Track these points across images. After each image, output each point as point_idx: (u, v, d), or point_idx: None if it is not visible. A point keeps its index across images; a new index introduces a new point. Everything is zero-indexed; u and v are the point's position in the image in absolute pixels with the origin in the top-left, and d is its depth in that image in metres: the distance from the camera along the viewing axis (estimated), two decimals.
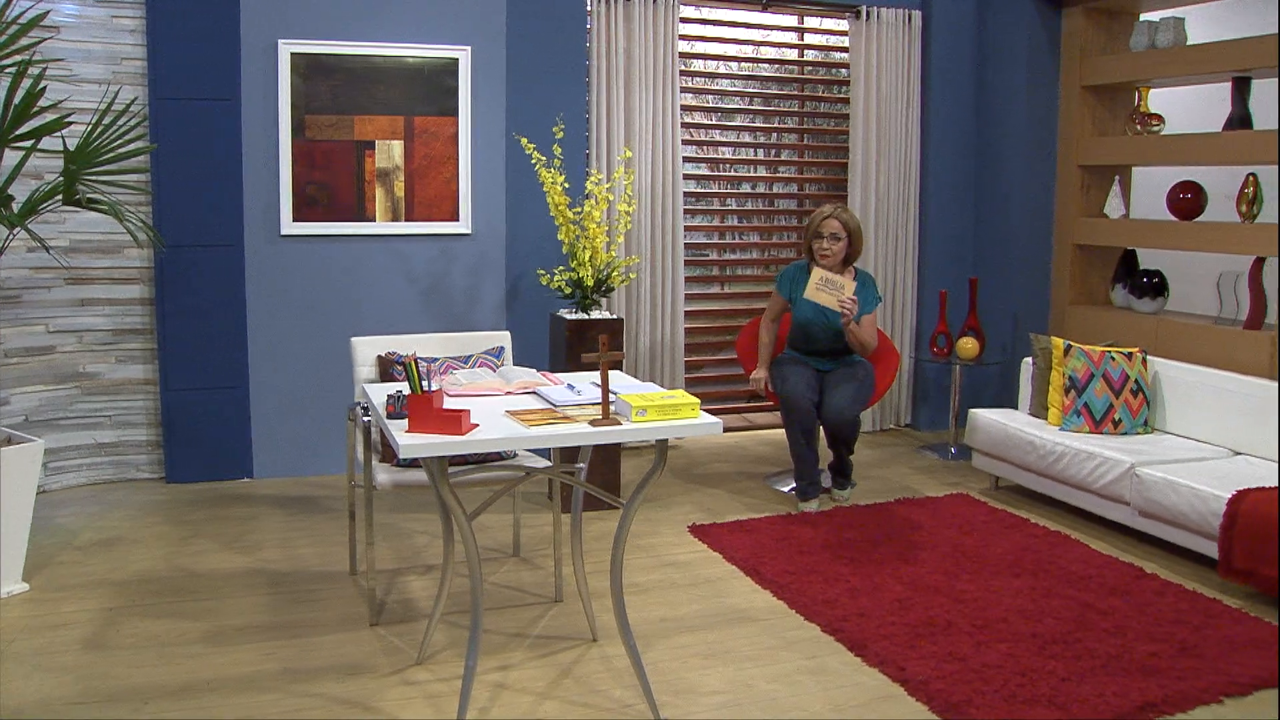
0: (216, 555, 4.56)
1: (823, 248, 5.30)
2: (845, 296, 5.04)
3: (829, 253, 5.28)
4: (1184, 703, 3.35)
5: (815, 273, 5.12)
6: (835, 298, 5.05)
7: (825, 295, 5.07)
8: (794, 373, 5.32)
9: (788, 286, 5.48)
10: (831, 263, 5.29)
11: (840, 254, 5.30)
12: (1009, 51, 6.62)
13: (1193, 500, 4.43)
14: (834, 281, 5.06)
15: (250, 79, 5.45)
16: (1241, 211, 5.42)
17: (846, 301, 5.04)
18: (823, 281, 5.08)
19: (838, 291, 5.05)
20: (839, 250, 5.29)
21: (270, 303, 5.61)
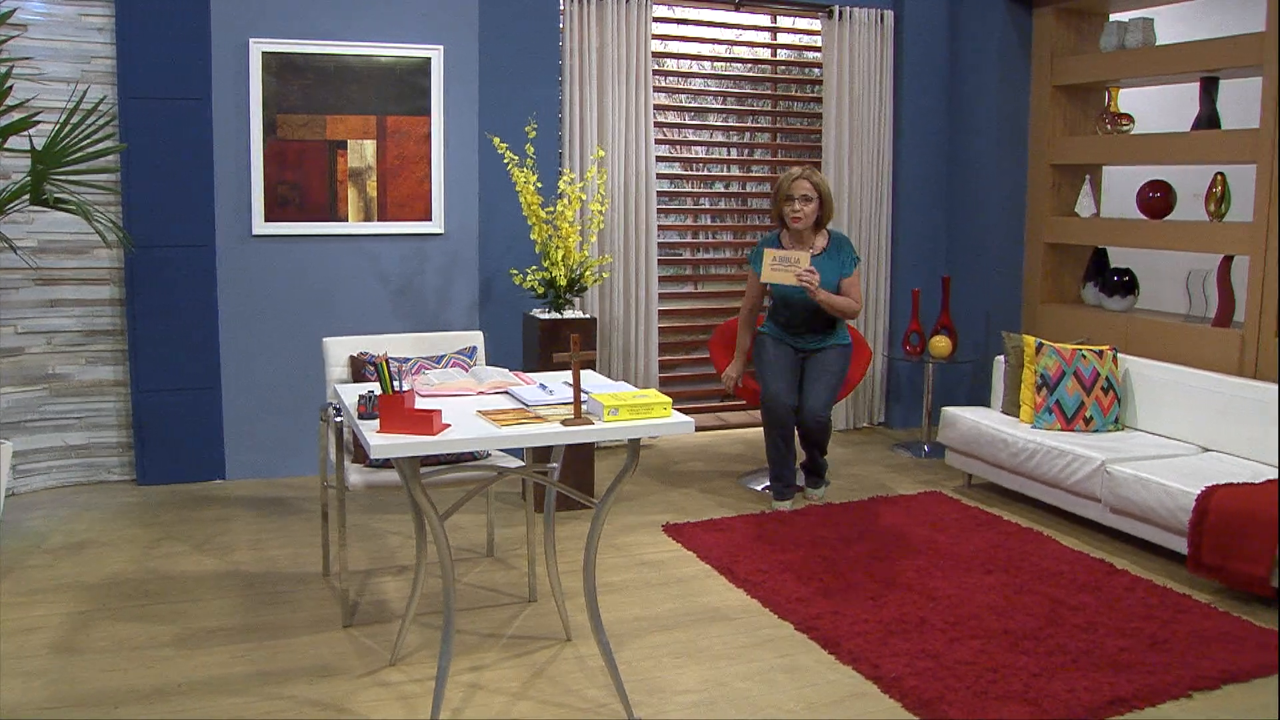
0: (188, 557, 4.54)
1: (794, 210, 5.20)
2: (801, 270, 4.99)
3: (800, 214, 5.19)
4: (1153, 697, 3.37)
5: (767, 255, 5.09)
6: (792, 273, 5.01)
7: (781, 274, 5.04)
8: (773, 366, 5.27)
9: (760, 261, 5.31)
10: (803, 225, 5.21)
11: (812, 216, 5.22)
12: (981, 51, 6.65)
13: (1162, 496, 4.47)
14: (787, 258, 5.02)
15: (221, 78, 5.42)
16: (1210, 210, 5.47)
17: (804, 274, 4.99)
18: (776, 261, 5.04)
19: (793, 266, 5.00)
20: (810, 212, 5.20)
21: (242, 303, 5.58)
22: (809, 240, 5.30)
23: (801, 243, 5.30)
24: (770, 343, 5.38)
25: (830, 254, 5.26)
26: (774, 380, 5.23)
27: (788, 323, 5.35)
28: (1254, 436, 4.82)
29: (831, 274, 5.22)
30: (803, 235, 5.29)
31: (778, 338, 5.38)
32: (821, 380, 5.24)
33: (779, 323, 5.39)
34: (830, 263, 5.25)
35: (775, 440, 5.26)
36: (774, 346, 5.35)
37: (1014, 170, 6.59)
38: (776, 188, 5.31)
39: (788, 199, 5.21)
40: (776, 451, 5.28)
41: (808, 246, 5.27)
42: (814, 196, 5.19)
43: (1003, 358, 5.73)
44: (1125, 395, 5.43)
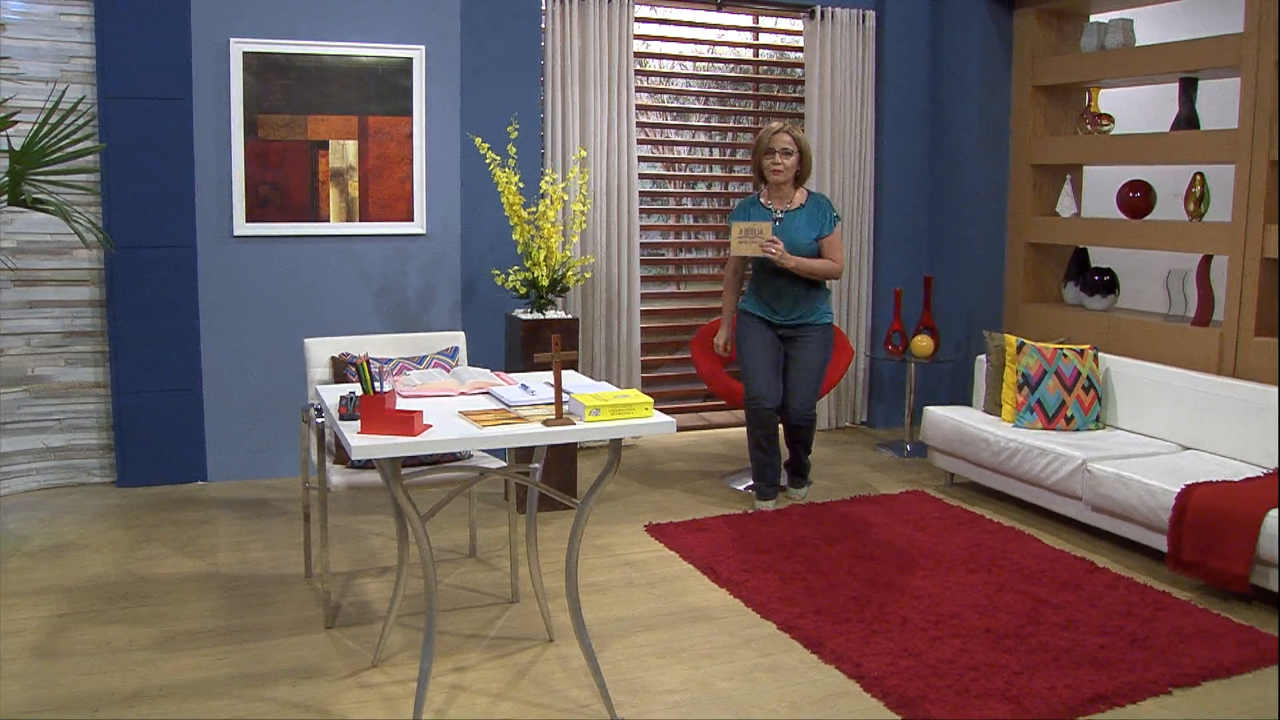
0: (169, 560, 4.52)
1: (774, 163, 5.13)
2: (765, 239, 4.98)
3: (781, 167, 5.13)
4: (1134, 694, 3.39)
5: (734, 229, 5.08)
6: (756, 244, 5.00)
7: (748, 246, 5.02)
8: (755, 361, 5.23)
9: (740, 220, 5.26)
10: (783, 178, 5.15)
11: (792, 169, 5.16)
12: (962, 52, 6.67)
13: (1142, 495, 4.49)
14: (751, 229, 5.01)
15: (201, 78, 5.40)
16: (1189, 210, 5.50)
17: (767, 245, 4.97)
18: (743, 234, 5.03)
19: (757, 237, 4.99)
20: (791, 165, 5.14)
21: (224, 304, 5.55)
22: (788, 196, 5.23)
23: (780, 198, 5.23)
24: (752, 328, 5.29)
25: (809, 210, 5.20)
26: (756, 378, 5.21)
27: (768, 293, 5.25)
28: (1233, 435, 4.85)
29: (809, 232, 5.16)
30: (782, 190, 5.22)
31: (760, 317, 5.28)
32: (806, 376, 5.23)
33: (761, 296, 5.29)
34: (807, 219, 5.19)
35: (759, 441, 5.26)
36: (756, 333, 5.27)
37: (995, 170, 6.61)
38: (756, 141, 5.25)
39: (768, 152, 5.15)
40: (760, 452, 5.28)
41: (786, 202, 5.22)
42: (794, 150, 5.14)
43: (984, 357, 5.75)
44: (1106, 394, 5.46)
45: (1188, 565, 4.25)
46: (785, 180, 5.17)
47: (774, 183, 5.18)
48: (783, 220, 5.19)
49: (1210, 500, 4.21)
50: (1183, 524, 4.26)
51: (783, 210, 5.22)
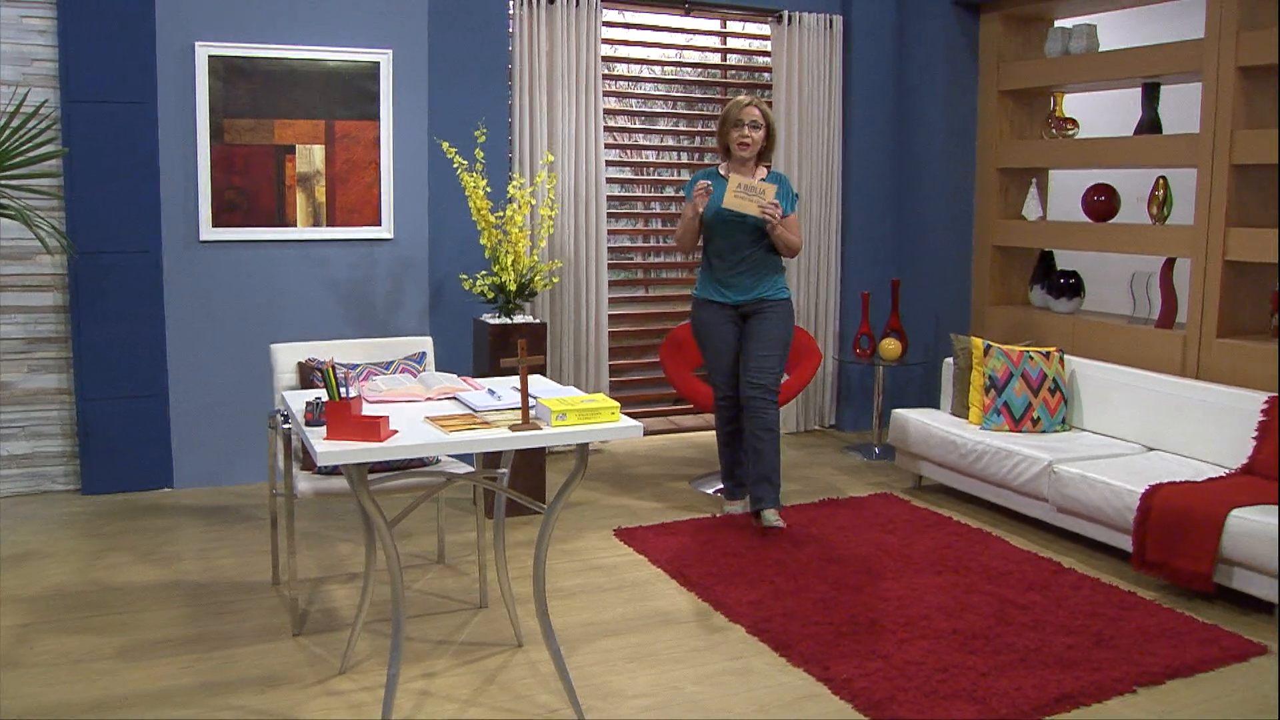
0: (133, 568, 4.48)
1: (743, 135, 4.96)
2: (767, 201, 4.76)
3: (749, 141, 4.97)
4: (1099, 693, 3.42)
5: (732, 179, 4.81)
6: (756, 203, 4.76)
7: (744, 202, 4.77)
8: (718, 355, 5.09)
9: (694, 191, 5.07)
10: (751, 153, 5.00)
11: (759, 143, 5.01)
12: (928, 56, 6.71)
13: (1108, 495, 4.53)
14: (753, 187, 4.77)
15: (166, 81, 5.36)
16: (1152, 214, 5.55)
17: (769, 207, 4.75)
18: (741, 189, 4.77)
19: (758, 197, 4.76)
20: (759, 139, 5.00)
21: (189, 310, 5.51)
22: (749, 171, 5.05)
23: (742, 173, 5.01)
24: (710, 317, 5.10)
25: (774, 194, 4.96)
26: (720, 370, 5.12)
27: (724, 273, 5.05)
28: (1196, 435, 4.90)
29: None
30: (745, 166, 5.05)
31: (717, 302, 5.08)
32: (765, 349, 4.99)
33: (715, 278, 5.09)
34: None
35: (727, 437, 5.22)
36: (714, 324, 5.08)
37: (962, 174, 6.66)
38: (724, 115, 5.08)
39: (737, 124, 4.99)
40: (729, 449, 5.24)
41: (748, 176, 4.99)
42: (762, 124, 4.99)
43: (951, 360, 5.78)
44: (1072, 396, 5.50)
45: (1152, 565, 4.29)
46: (751, 156, 5.03)
47: (739, 157, 5.02)
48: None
49: (1174, 501, 4.25)
50: (1147, 524, 4.30)
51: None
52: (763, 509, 4.95)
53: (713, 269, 5.10)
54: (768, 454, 4.97)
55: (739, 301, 5.05)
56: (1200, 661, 3.65)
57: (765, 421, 4.97)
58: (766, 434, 4.97)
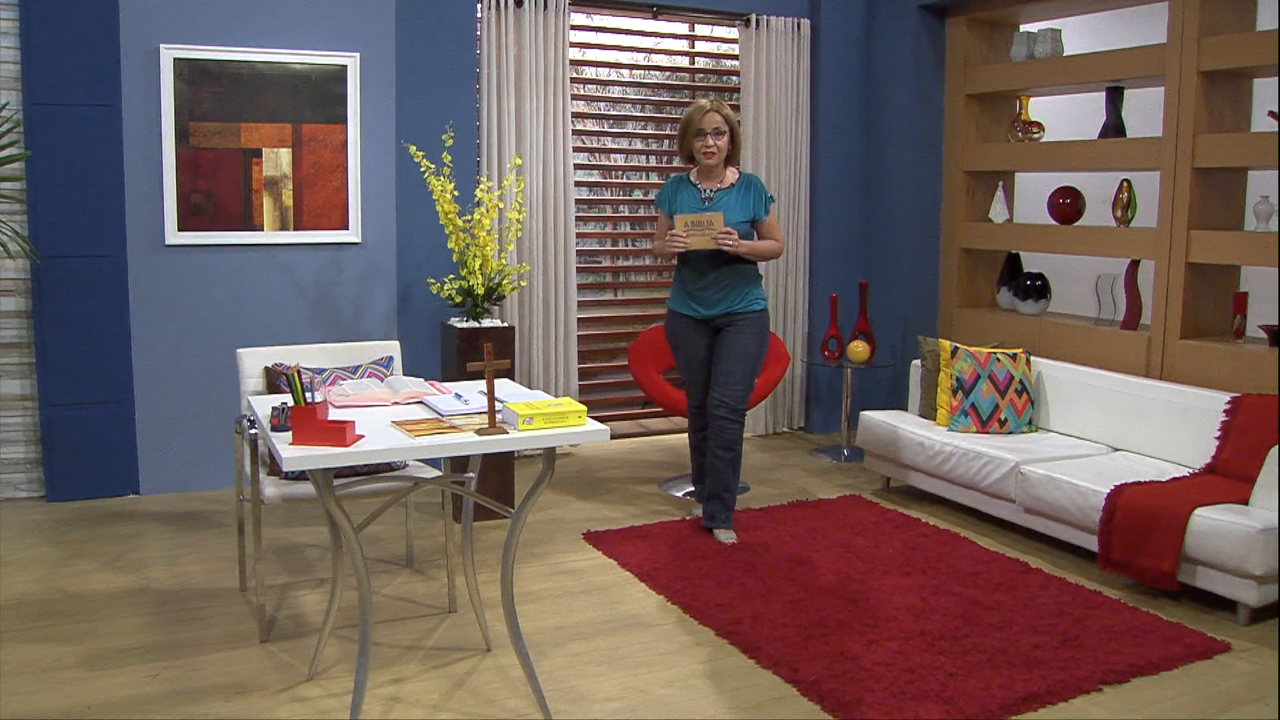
0: (98, 575, 4.43)
1: (706, 145, 4.83)
2: (717, 231, 4.72)
3: (713, 149, 4.84)
4: (1065, 692, 3.44)
5: (679, 221, 4.77)
6: (708, 236, 4.73)
7: (697, 239, 4.75)
8: (691, 366, 5.05)
9: (668, 200, 5.03)
10: (716, 160, 4.86)
11: (724, 151, 4.88)
12: (896, 60, 6.75)
13: (1073, 496, 4.56)
14: (700, 222, 4.73)
15: (131, 84, 5.32)
16: (1117, 216, 5.60)
17: (720, 236, 4.71)
18: (689, 226, 4.75)
19: (708, 229, 4.73)
20: (723, 146, 4.86)
21: (155, 314, 5.47)
22: (719, 175, 4.95)
23: (712, 179, 4.95)
24: (681, 329, 5.03)
25: (739, 190, 4.93)
26: (692, 384, 5.11)
27: (694, 286, 4.95)
28: (1160, 436, 4.94)
29: (741, 212, 4.89)
30: (713, 171, 4.94)
31: (688, 315, 5.00)
32: (734, 365, 4.91)
33: (686, 290, 4.99)
34: (740, 199, 4.91)
35: (698, 443, 5.22)
36: (686, 337, 5.02)
37: (929, 177, 6.69)
38: (684, 123, 4.92)
39: (699, 134, 4.85)
40: (699, 454, 5.22)
41: (717, 181, 4.95)
42: (725, 130, 4.85)
43: (919, 362, 5.81)
44: (1038, 397, 5.53)
45: (1117, 564, 4.32)
46: (717, 163, 4.90)
47: (705, 165, 4.91)
48: (713, 200, 4.92)
49: (1138, 500, 4.28)
50: (1112, 524, 4.33)
51: (713, 190, 4.95)
52: (714, 528, 4.98)
53: (683, 281, 5.01)
54: (723, 472, 4.96)
55: (708, 315, 4.96)
56: (1165, 659, 3.68)
57: (724, 440, 4.93)
58: (724, 452, 4.94)
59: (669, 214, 4.99)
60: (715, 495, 4.98)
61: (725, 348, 4.93)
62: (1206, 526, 4.04)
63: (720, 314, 4.92)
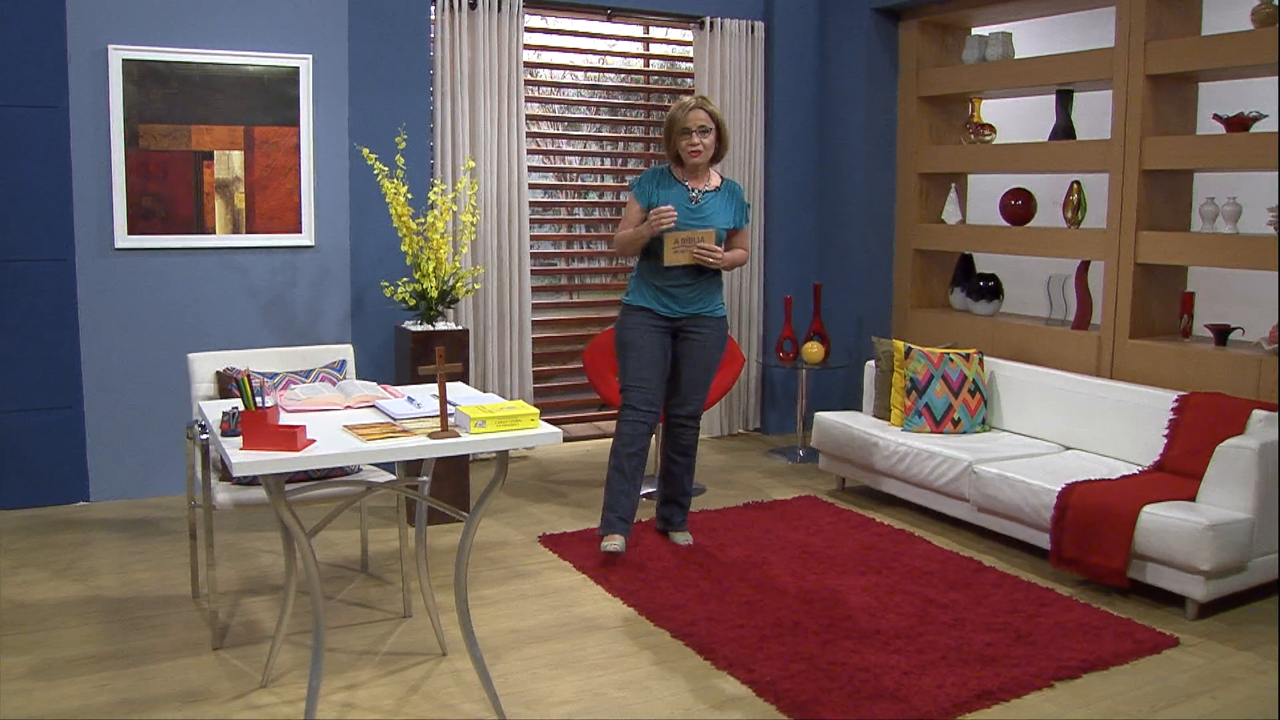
0: (46, 584, 4.37)
1: (692, 144, 4.60)
2: (704, 248, 4.54)
3: (699, 148, 4.61)
4: (1018, 689, 3.48)
5: (667, 240, 4.52)
6: (689, 253, 4.55)
7: (685, 255, 4.56)
8: (642, 360, 4.67)
9: (648, 193, 4.72)
10: (702, 159, 4.64)
11: (711, 149, 4.66)
12: (849, 62, 6.79)
13: (1026, 495, 4.60)
14: (690, 239, 4.53)
15: (79, 86, 5.24)
16: (1068, 217, 5.67)
17: (699, 252, 4.53)
18: (679, 243, 4.53)
19: (692, 245, 4.55)
20: (709, 144, 4.64)
21: (105, 319, 5.40)
22: (705, 175, 4.74)
23: (697, 178, 4.71)
24: (640, 326, 4.71)
25: (724, 195, 4.74)
26: (640, 386, 4.68)
27: (667, 283, 4.69)
28: (1111, 434, 5.01)
29: (726, 218, 4.70)
30: (699, 170, 4.71)
31: (652, 311, 4.70)
32: (701, 377, 4.78)
33: (656, 286, 4.71)
34: (725, 206, 4.72)
35: (622, 463, 4.69)
36: (645, 334, 4.69)
37: (882, 178, 6.74)
38: (669, 121, 4.69)
39: (684, 133, 4.62)
40: (622, 478, 4.69)
41: (704, 182, 4.72)
42: (711, 127, 4.63)
43: (873, 363, 5.85)
44: (991, 397, 5.58)
45: (1069, 562, 4.37)
46: (704, 162, 4.68)
47: (691, 164, 4.67)
48: (701, 201, 4.69)
49: (1089, 498, 4.33)
50: (1064, 522, 4.38)
51: (701, 190, 4.72)
52: (671, 531, 4.96)
53: (655, 275, 4.71)
54: (682, 477, 4.91)
55: (677, 315, 4.71)
56: (1115, 655, 3.73)
57: (684, 446, 4.88)
58: (683, 457, 4.89)
59: (646, 206, 4.68)
60: (672, 499, 4.95)
61: (693, 357, 4.77)
62: (1155, 523, 4.10)
63: (689, 315, 4.72)
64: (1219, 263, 4.97)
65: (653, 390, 4.70)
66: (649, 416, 4.69)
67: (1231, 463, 4.15)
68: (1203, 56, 4.94)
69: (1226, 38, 4.86)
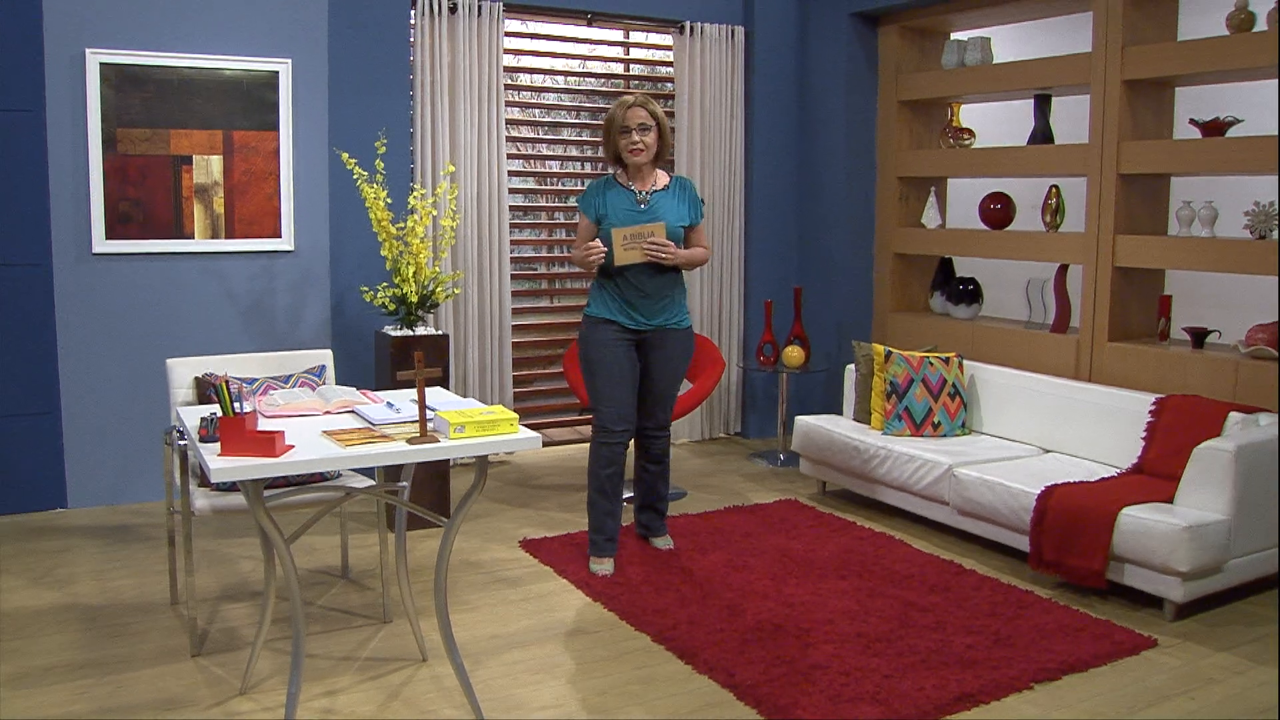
0: (23, 592, 4.34)
1: (632, 143, 4.50)
2: (655, 243, 4.41)
3: (640, 146, 4.51)
4: (998, 691, 3.49)
5: (616, 235, 4.40)
6: (639, 249, 4.43)
7: (637, 252, 4.43)
8: (611, 376, 4.56)
9: (594, 204, 4.62)
10: (644, 159, 4.54)
11: (653, 148, 4.55)
12: (829, 67, 6.80)
13: (1005, 497, 4.62)
14: (639, 234, 4.42)
15: (56, 90, 5.22)
16: (1046, 221, 5.70)
17: (649, 248, 4.41)
18: (629, 239, 4.41)
19: (648, 240, 4.42)
20: (651, 142, 4.53)
21: (83, 324, 5.37)
22: (649, 176, 4.63)
23: (641, 179, 4.61)
24: (606, 339, 4.59)
25: (674, 193, 4.63)
26: (612, 402, 4.57)
27: (630, 293, 4.56)
28: (1089, 436, 5.03)
29: (679, 217, 4.58)
30: (642, 171, 4.61)
31: (617, 323, 4.58)
32: (669, 390, 4.72)
33: (620, 297, 4.59)
34: (676, 203, 4.61)
35: (603, 484, 4.62)
36: (611, 348, 4.57)
37: (862, 182, 6.75)
38: (608, 120, 4.60)
39: (624, 131, 4.53)
40: (603, 498, 4.64)
41: (649, 183, 4.62)
42: (651, 125, 4.52)
43: (853, 366, 5.86)
44: (971, 400, 5.60)
45: (1049, 564, 4.39)
46: (646, 161, 4.57)
47: (633, 164, 4.57)
48: (650, 202, 4.58)
49: (1068, 501, 4.35)
50: (1043, 524, 4.40)
51: (648, 192, 4.61)
52: (651, 536, 4.94)
53: (616, 288, 4.59)
54: (656, 483, 4.88)
55: (643, 326, 4.60)
56: (1094, 657, 3.75)
57: (656, 455, 4.84)
58: (656, 465, 4.85)
59: (594, 219, 4.61)
60: (649, 505, 4.92)
61: (660, 369, 4.67)
62: (1134, 525, 4.12)
63: (656, 327, 4.61)
64: (1196, 266, 5.00)
65: (626, 406, 4.61)
66: (624, 435, 4.62)
67: (1209, 465, 4.17)
68: (1179, 62, 4.98)
69: (1203, 43, 4.89)
